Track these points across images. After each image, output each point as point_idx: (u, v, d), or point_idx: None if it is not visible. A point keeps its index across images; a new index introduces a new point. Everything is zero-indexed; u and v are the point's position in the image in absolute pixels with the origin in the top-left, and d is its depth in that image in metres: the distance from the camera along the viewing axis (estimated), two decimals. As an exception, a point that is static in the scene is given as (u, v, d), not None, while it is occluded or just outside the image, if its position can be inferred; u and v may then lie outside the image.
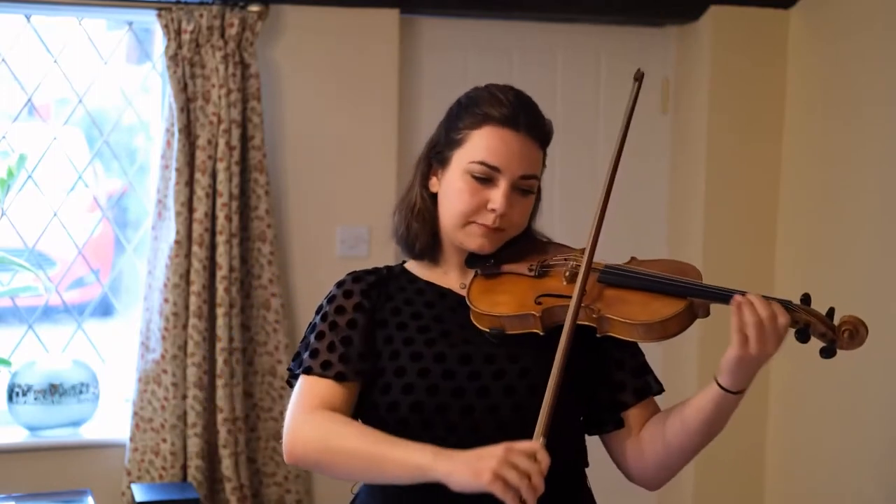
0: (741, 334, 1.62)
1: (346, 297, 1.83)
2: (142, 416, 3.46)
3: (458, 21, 3.82)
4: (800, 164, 3.82)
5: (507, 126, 1.76)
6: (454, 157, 1.79)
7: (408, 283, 1.87)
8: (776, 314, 1.63)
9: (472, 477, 1.52)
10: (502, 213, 1.76)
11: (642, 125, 4.05)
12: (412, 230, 1.84)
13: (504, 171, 1.75)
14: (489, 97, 1.79)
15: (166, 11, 3.34)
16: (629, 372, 1.83)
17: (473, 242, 1.79)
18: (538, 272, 1.79)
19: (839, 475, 3.59)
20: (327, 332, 1.80)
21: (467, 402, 1.71)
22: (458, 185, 1.77)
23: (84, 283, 3.87)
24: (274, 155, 3.57)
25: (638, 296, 1.72)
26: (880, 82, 3.44)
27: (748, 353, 1.62)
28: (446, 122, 1.84)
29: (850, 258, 3.55)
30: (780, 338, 1.63)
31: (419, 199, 1.84)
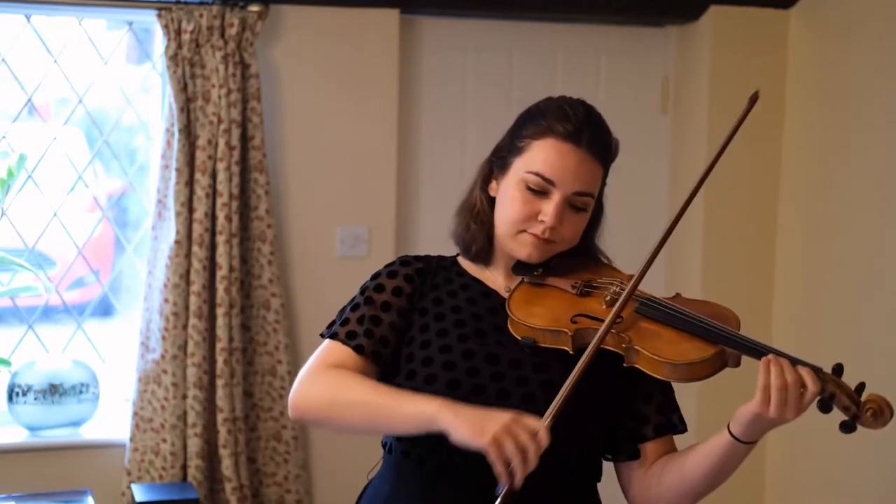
0: (765, 394, 1.63)
1: (389, 278, 1.85)
2: (142, 416, 3.46)
3: (458, 21, 3.82)
4: (800, 163, 3.82)
5: (569, 141, 1.77)
6: (514, 164, 1.80)
7: (456, 275, 1.89)
8: (805, 382, 1.63)
9: (473, 433, 1.55)
10: (552, 227, 1.77)
11: (642, 125, 4.05)
12: (471, 231, 1.86)
13: (558, 185, 1.76)
14: (557, 109, 1.80)
15: (166, 11, 3.34)
16: (655, 407, 1.83)
17: (522, 251, 1.80)
18: (581, 291, 1.80)
19: (839, 475, 3.59)
20: (362, 305, 1.83)
21: (485, 402, 1.71)
22: (513, 193, 1.79)
23: (84, 283, 3.87)
24: (274, 155, 3.57)
25: (671, 333, 1.71)
26: (880, 82, 3.44)
27: (767, 413, 1.63)
28: (513, 128, 1.85)
29: (850, 256, 3.55)
30: (803, 407, 1.62)
31: (479, 202, 1.86)
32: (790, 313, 3.84)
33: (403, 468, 1.80)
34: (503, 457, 1.54)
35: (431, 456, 1.75)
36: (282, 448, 3.53)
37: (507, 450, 1.53)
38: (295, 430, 3.53)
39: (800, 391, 1.61)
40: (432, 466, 1.75)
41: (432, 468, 1.75)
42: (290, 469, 3.54)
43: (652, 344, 1.69)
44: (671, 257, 4.03)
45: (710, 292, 3.86)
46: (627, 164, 4.02)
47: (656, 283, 4.04)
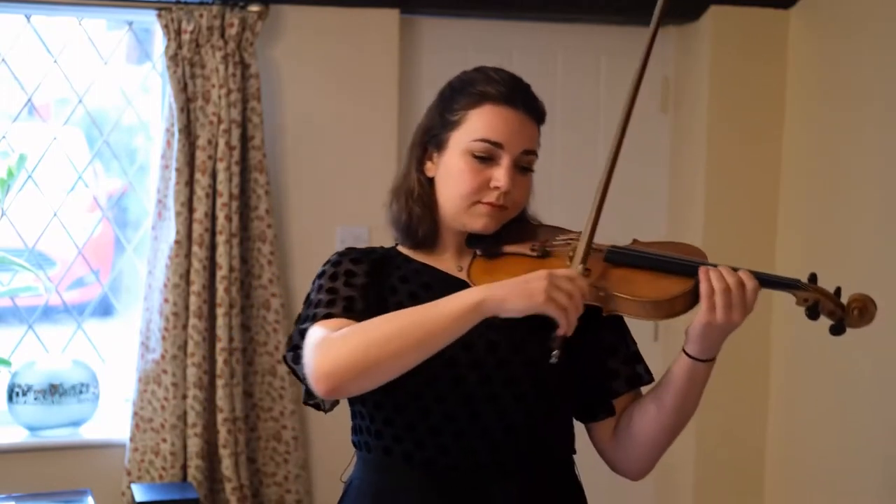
0: (709, 300, 1.64)
1: (355, 264, 1.80)
2: (142, 416, 3.46)
3: (458, 21, 3.82)
4: (800, 163, 3.82)
5: (506, 103, 1.77)
6: (452, 138, 1.79)
7: (404, 262, 1.84)
8: (743, 280, 1.66)
9: (527, 298, 1.56)
10: (507, 191, 1.75)
11: (642, 125, 4.04)
12: (414, 216, 1.82)
13: (506, 147, 1.76)
14: (484, 77, 1.81)
15: (166, 11, 3.34)
16: (622, 360, 1.83)
17: (478, 222, 1.78)
18: (541, 252, 1.79)
19: (839, 474, 3.59)
20: (341, 288, 1.74)
21: (466, 391, 1.70)
22: (459, 166, 1.76)
23: (84, 283, 3.87)
24: (274, 155, 3.57)
25: (644, 275, 1.72)
26: (880, 82, 3.44)
27: (715, 320, 1.65)
28: (440, 105, 1.84)
29: (850, 257, 3.55)
30: (748, 305, 1.66)
31: (417, 185, 1.83)
32: (790, 314, 3.83)
33: (386, 465, 1.75)
34: (561, 307, 1.56)
35: (417, 451, 1.72)
36: (282, 448, 3.53)
37: (562, 300, 1.56)
38: (295, 430, 3.53)
39: (741, 290, 1.65)
40: (419, 461, 1.72)
41: (419, 463, 1.72)
42: (290, 469, 3.54)
43: (629, 288, 1.69)
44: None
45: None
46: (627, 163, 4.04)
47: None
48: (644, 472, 1.86)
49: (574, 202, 3.97)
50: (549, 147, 4.40)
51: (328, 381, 1.59)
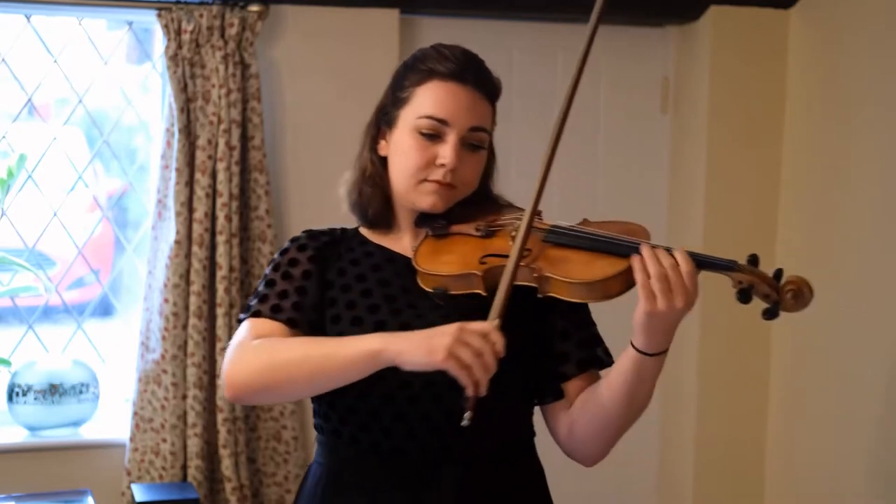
0: (647, 289, 1.58)
1: (300, 251, 1.82)
2: (142, 416, 3.46)
3: (458, 21, 3.82)
4: (800, 164, 3.82)
5: (454, 79, 1.75)
6: (401, 115, 1.77)
7: (358, 244, 1.85)
8: (679, 262, 1.59)
9: (426, 355, 1.53)
10: (453, 168, 1.73)
11: (642, 125, 4.05)
12: (364, 195, 1.82)
13: (452, 123, 1.73)
14: (435, 54, 1.78)
15: (166, 11, 3.34)
16: (574, 343, 1.79)
17: (425, 201, 1.76)
18: (485, 232, 1.76)
19: (839, 473, 3.59)
20: (279, 281, 1.78)
21: (404, 377, 1.67)
22: (408, 143, 1.75)
23: (84, 283, 3.87)
24: (274, 155, 3.57)
25: (581, 255, 1.68)
26: (880, 82, 3.44)
27: (656, 308, 1.57)
28: (392, 83, 1.83)
29: (850, 257, 3.55)
30: (687, 289, 1.58)
31: (369, 164, 1.82)
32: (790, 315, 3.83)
33: (336, 448, 1.77)
34: (463, 366, 1.51)
35: (362, 434, 1.73)
36: (282, 448, 3.53)
37: (465, 359, 1.51)
38: (295, 429, 3.53)
39: (677, 274, 1.58)
40: (365, 444, 1.73)
41: (366, 446, 1.73)
42: (290, 469, 3.54)
43: (563, 268, 1.65)
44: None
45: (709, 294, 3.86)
46: (627, 163, 4.06)
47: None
48: (596, 459, 1.80)
49: (574, 201, 3.99)
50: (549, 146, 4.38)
51: (232, 390, 1.68)
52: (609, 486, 4.06)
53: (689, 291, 1.58)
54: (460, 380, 1.53)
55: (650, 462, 4.10)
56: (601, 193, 4.00)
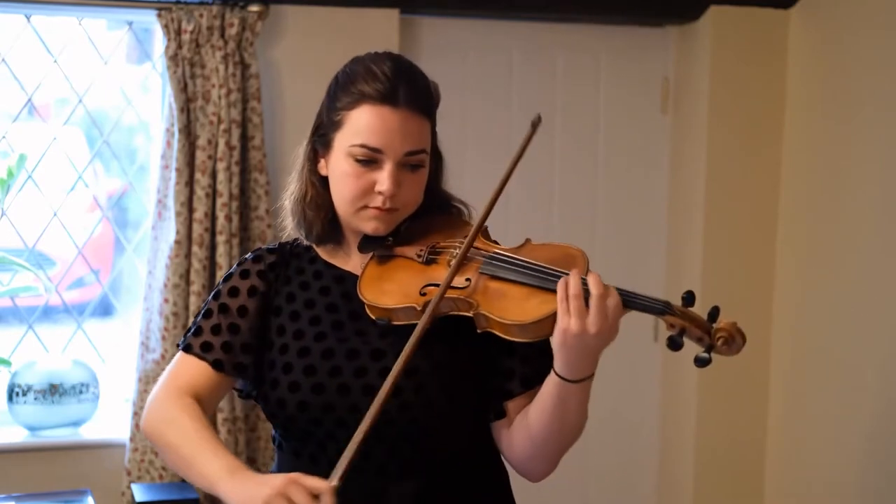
0: (563, 304, 1.54)
1: (241, 278, 1.80)
2: (142, 416, 3.46)
3: (458, 21, 3.82)
4: (800, 164, 3.82)
5: (385, 103, 1.67)
6: (335, 139, 1.72)
7: (308, 263, 1.82)
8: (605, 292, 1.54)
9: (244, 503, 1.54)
10: (391, 195, 1.68)
11: (642, 125, 4.05)
12: (307, 219, 1.77)
13: (386, 151, 1.67)
14: (364, 72, 1.70)
15: (166, 11, 3.34)
16: (519, 359, 1.72)
17: (368, 226, 1.72)
18: (426, 259, 1.72)
19: (838, 474, 3.59)
20: (215, 314, 1.78)
21: (353, 401, 1.67)
22: (343, 169, 1.70)
23: (84, 283, 3.87)
24: (274, 155, 3.57)
25: (517, 290, 1.62)
26: (880, 82, 3.44)
27: (569, 328, 1.53)
28: (326, 101, 1.77)
29: (850, 258, 3.55)
30: (606, 317, 1.54)
31: (309, 187, 1.77)
32: (790, 315, 3.84)
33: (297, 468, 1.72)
34: None
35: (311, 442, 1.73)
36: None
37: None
38: (295, 430, 3.53)
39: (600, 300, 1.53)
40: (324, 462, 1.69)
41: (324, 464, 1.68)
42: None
43: (498, 305, 1.61)
44: (671, 260, 4.03)
45: (710, 294, 3.86)
46: (627, 164, 4.06)
47: (656, 284, 4.04)
48: (540, 476, 1.75)
49: (573, 201, 3.99)
50: (549, 147, 4.41)
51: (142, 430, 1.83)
52: (609, 486, 4.06)
53: (607, 320, 1.54)
54: None
55: (650, 462, 4.10)
56: (601, 193, 4.00)
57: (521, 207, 3.81)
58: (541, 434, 1.66)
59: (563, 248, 1.70)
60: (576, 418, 1.64)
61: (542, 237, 1.93)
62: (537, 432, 1.66)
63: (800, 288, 3.80)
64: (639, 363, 3.98)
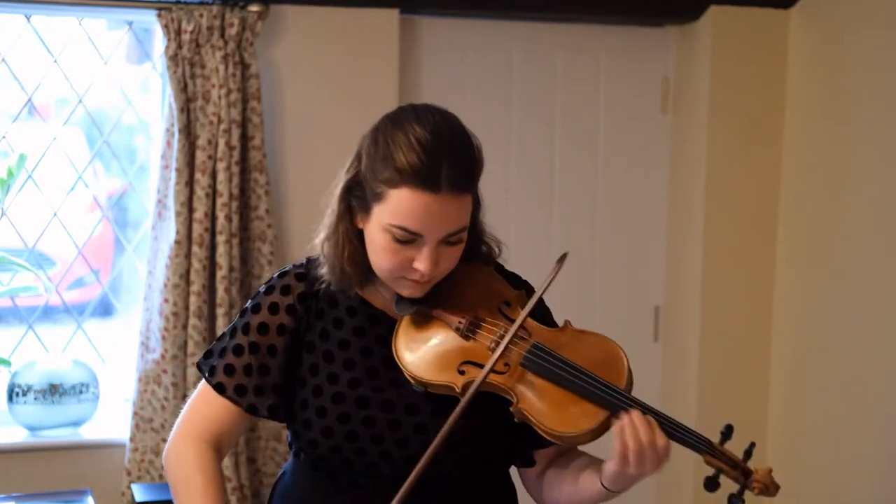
0: (623, 457, 1.61)
1: (271, 313, 1.77)
2: (142, 416, 3.46)
3: (458, 21, 3.82)
4: (800, 164, 3.82)
5: (427, 188, 1.60)
6: (374, 210, 1.66)
7: (340, 294, 1.78)
8: (655, 439, 1.62)
9: None
10: (428, 272, 1.65)
11: (642, 125, 4.05)
12: (346, 273, 1.73)
13: (426, 235, 1.63)
14: (406, 147, 1.61)
15: (166, 11, 3.34)
16: None
17: (403, 291, 1.71)
18: (464, 333, 1.70)
19: (839, 474, 3.59)
20: (246, 353, 1.76)
21: (385, 449, 1.71)
22: (380, 242, 1.66)
23: (84, 283, 3.87)
24: (274, 155, 3.57)
25: (557, 393, 1.65)
26: (880, 82, 3.45)
27: (628, 471, 1.63)
28: (367, 161, 1.68)
29: (850, 258, 3.55)
30: (660, 461, 1.63)
31: (348, 243, 1.72)
32: (790, 315, 3.84)
33: (313, 478, 1.78)
34: None
35: (343, 473, 1.74)
36: (282, 448, 3.53)
37: None
38: (295, 430, 3.53)
39: (653, 449, 1.61)
40: (346, 482, 1.74)
41: (346, 483, 1.74)
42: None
43: (538, 408, 1.64)
44: (671, 260, 4.03)
45: (710, 295, 3.86)
46: (627, 164, 4.06)
47: (656, 284, 4.04)
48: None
49: (574, 202, 3.99)
50: (549, 147, 4.41)
51: (163, 461, 1.81)
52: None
53: (661, 462, 1.63)
54: None
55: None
56: (601, 193, 4.00)
57: (522, 207, 3.81)
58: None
59: (604, 344, 1.72)
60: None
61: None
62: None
63: (800, 288, 3.81)
64: (639, 363, 3.96)
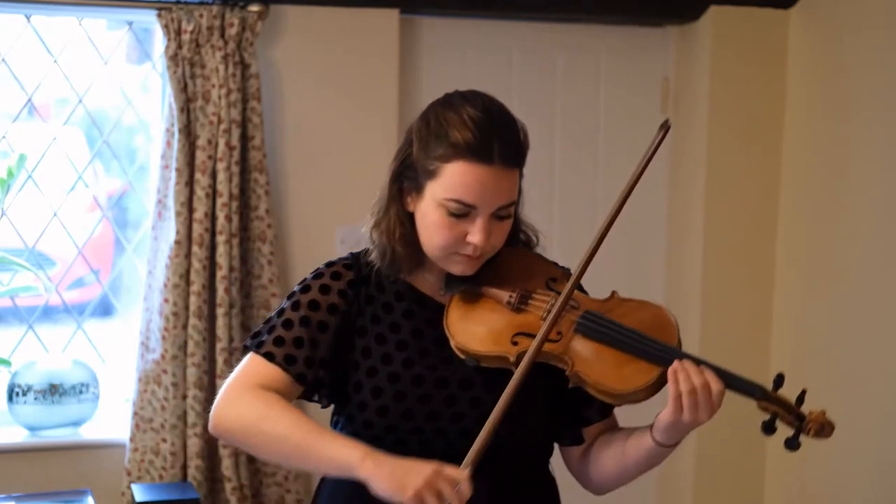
0: (676, 402, 1.66)
1: (322, 293, 1.80)
2: (142, 416, 3.46)
3: (458, 21, 3.82)
4: (800, 164, 3.82)
5: (481, 160, 1.68)
6: (428, 187, 1.73)
7: (387, 281, 1.83)
8: (709, 383, 1.66)
9: (396, 489, 1.56)
10: (482, 246, 1.73)
11: (642, 125, 4.04)
12: (397, 255, 1.79)
13: (480, 207, 1.70)
14: (458, 122, 1.70)
15: (166, 11, 3.34)
16: None
17: (455, 268, 1.77)
18: (516, 306, 1.76)
19: (839, 474, 3.59)
20: (296, 325, 1.77)
21: (440, 427, 1.74)
22: (434, 219, 1.73)
23: (84, 283, 3.87)
24: (274, 155, 3.57)
25: (612, 355, 1.70)
26: (880, 82, 3.45)
27: (681, 419, 1.67)
28: (418, 143, 1.75)
29: (850, 258, 3.55)
30: (714, 407, 1.67)
31: (398, 225, 1.78)
32: (790, 315, 3.84)
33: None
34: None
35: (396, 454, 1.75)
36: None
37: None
38: (295, 430, 3.53)
39: (707, 393, 1.66)
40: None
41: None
42: (290, 469, 3.53)
43: (595, 370, 1.68)
44: (671, 261, 4.03)
45: (710, 295, 3.86)
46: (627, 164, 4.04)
47: (656, 284, 4.04)
48: (606, 492, 1.90)
49: (574, 202, 3.99)
50: (549, 147, 4.42)
51: (215, 429, 1.74)
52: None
53: (715, 408, 1.67)
54: None
55: (650, 462, 4.10)
56: (601, 193, 4.00)
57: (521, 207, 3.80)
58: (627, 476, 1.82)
59: (652, 309, 1.78)
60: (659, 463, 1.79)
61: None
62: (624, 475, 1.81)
63: (800, 288, 3.80)
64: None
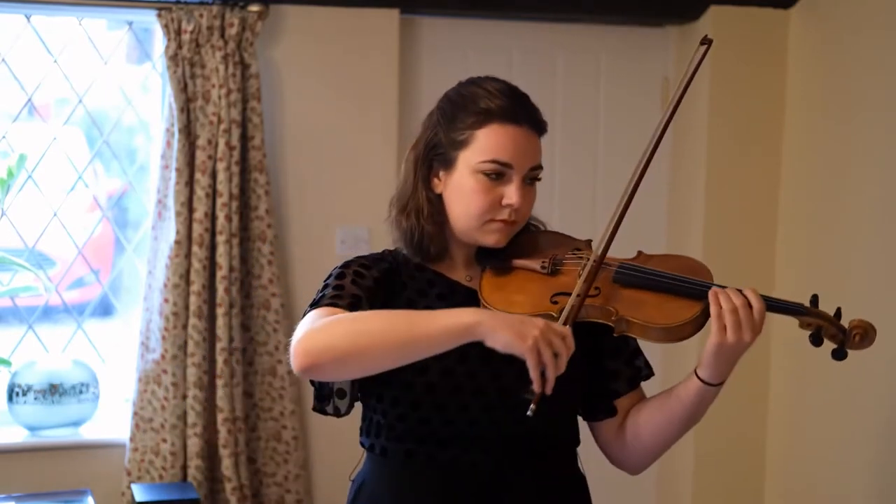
0: (720, 321, 1.69)
1: (364, 268, 1.83)
2: (142, 416, 3.46)
3: (458, 21, 3.82)
4: (800, 164, 3.82)
5: (511, 121, 1.77)
6: (460, 157, 1.79)
7: (416, 271, 1.87)
8: (750, 300, 1.71)
9: (517, 338, 1.56)
10: (519, 207, 1.78)
11: (642, 125, 4.05)
12: (427, 234, 1.83)
13: (515, 166, 1.77)
14: (485, 93, 1.79)
15: (166, 11, 3.34)
16: (623, 360, 1.88)
17: (490, 238, 1.81)
18: (550, 269, 1.81)
19: (839, 474, 3.59)
20: (349, 285, 1.78)
21: (486, 403, 1.75)
22: (471, 185, 1.78)
23: (84, 283, 3.87)
24: (274, 155, 3.57)
25: (653, 297, 1.75)
26: (880, 82, 3.44)
27: (726, 340, 1.69)
28: (443, 122, 1.83)
29: (850, 257, 3.55)
30: (756, 325, 1.70)
31: (427, 203, 1.83)
32: (790, 313, 3.83)
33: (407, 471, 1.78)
34: (540, 362, 1.56)
35: (442, 457, 1.76)
36: (282, 448, 3.53)
37: (545, 356, 1.56)
38: (295, 429, 3.53)
39: (748, 310, 1.70)
40: (450, 467, 1.76)
41: (450, 468, 1.76)
42: (290, 469, 3.54)
43: (640, 311, 1.72)
44: (671, 257, 4.03)
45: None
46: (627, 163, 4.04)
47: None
48: (644, 468, 1.92)
49: (574, 202, 3.99)
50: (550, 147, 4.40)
51: (305, 358, 1.62)
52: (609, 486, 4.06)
53: (758, 327, 1.71)
54: (532, 372, 1.57)
55: (650, 462, 4.10)
56: (601, 193, 4.00)
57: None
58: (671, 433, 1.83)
59: (682, 258, 1.85)
60: (702, 416, 1.81)
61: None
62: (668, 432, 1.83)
63: (800, 288, 3.80)
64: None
